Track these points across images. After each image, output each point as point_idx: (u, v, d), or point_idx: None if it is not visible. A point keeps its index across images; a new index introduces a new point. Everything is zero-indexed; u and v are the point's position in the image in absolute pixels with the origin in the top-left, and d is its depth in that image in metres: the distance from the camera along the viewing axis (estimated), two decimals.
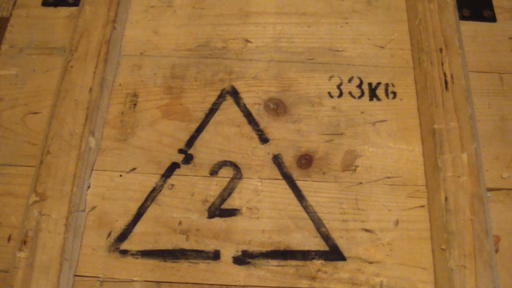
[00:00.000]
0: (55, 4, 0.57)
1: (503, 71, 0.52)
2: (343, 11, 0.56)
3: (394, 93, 0.52)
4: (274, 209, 0.46)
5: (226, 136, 0.50)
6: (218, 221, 0.46)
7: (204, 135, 0.50)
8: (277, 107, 0.51)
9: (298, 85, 0.52)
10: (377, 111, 0.51)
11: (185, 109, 0.51)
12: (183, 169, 0.48)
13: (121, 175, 0.47)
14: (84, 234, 0.45)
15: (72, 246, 0.43)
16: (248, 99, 0.51)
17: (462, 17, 0.54)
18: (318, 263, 0.44)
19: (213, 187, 0.47)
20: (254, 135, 0.50)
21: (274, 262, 0.44)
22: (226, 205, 0.46)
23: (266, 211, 0.46)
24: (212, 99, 0.51)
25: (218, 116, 0.51)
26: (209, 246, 0.45)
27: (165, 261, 0.44)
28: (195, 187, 0.47)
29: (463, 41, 0.52)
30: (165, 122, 0.50)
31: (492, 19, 0.55)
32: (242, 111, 0.51)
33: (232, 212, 0.46)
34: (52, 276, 0.41)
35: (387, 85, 0.52)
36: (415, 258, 0.45)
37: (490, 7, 0.55)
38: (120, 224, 0.45)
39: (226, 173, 0.48)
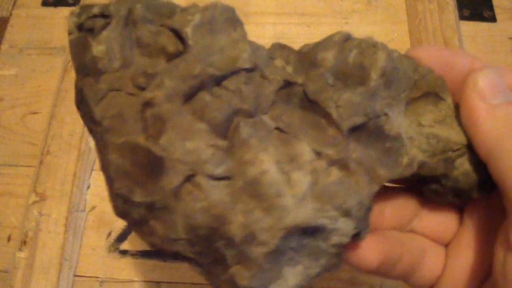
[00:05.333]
0: (55, 4, 0.57)
1: None
2: (343, 11, 0.56)
3: None
4: None
5: None
6: None
7: None
8: None
9: None
10: None
11: None
12: None
13: None
14: (84, 234, 0.45)
15: (72, 246, 0.43)
16: None
17: (462, 17, 0.54)
18: None
19: None
20: None
21: None
22: None
23: None
24: None
25: None
26: None
27: (164, 261, 0.44)
28: None
29: (463, 41, 0.52)
30: None
31: (492, 19, 0.55)
32: None
33: None
34: (52, 276, 0.41)
35: None
36: None
37: (490, 7, 0.55)
38: (120, 224, 0.45)
39: None
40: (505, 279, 0.19)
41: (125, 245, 0.44)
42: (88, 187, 0.47)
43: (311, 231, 0.21)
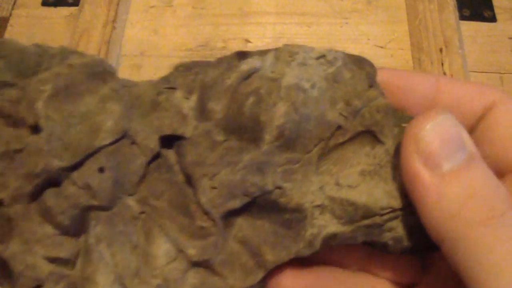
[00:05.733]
0: (55, 4, 0.57)
1: (503, 71, 0.52)
2: (343, 11, 0.56)
3: None
4: None
5: None
6: None
7: None
8: None
9: None
10: None
11: None
12: None
13: None
14: None
15: None
16: None
17: (462, 17, 0.54)
18: None
19: None
20: None
21: None
22: None
23: None
24: None
25: None
26: None
27: None
28: None
29: (463, 41, 0.52)
30: None
31: (492, 19, 0.55)
32: None
33: None
34: None
35: None
36: None
37: (490, 7, 0.55)
38: None
39: None
40: None
41: None
42: None
43: None
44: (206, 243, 0.18)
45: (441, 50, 0.50)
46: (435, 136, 0.15)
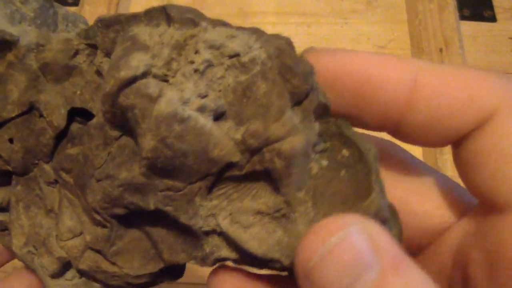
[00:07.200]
0: None
1: (503, 71, 0.52)
2: (343, 11, 0.56)
3: None
4: None
5: None
6: None
7: None
8: None
9: None
10: None
11: None
12: None
13: None
14: None
15: None
16: None
17: (462, 17, 0.54)
18: None
19: None
20: None
21: None
22: None
23: None
24: None
25: None
26: None
27: None
28: None
29: (463, 41, 0.52)
30: None
31: (492, 19, 0.55)
32: None
33: None
34: None
35: None
36: None
37: (490, 7, 0.55)
38: None
39: None
40: None
41: None
42: None
43: None
44: (99, 234, 0.17)
45: (441, 50, 0.50)
46: (329, 266, 0.12)
